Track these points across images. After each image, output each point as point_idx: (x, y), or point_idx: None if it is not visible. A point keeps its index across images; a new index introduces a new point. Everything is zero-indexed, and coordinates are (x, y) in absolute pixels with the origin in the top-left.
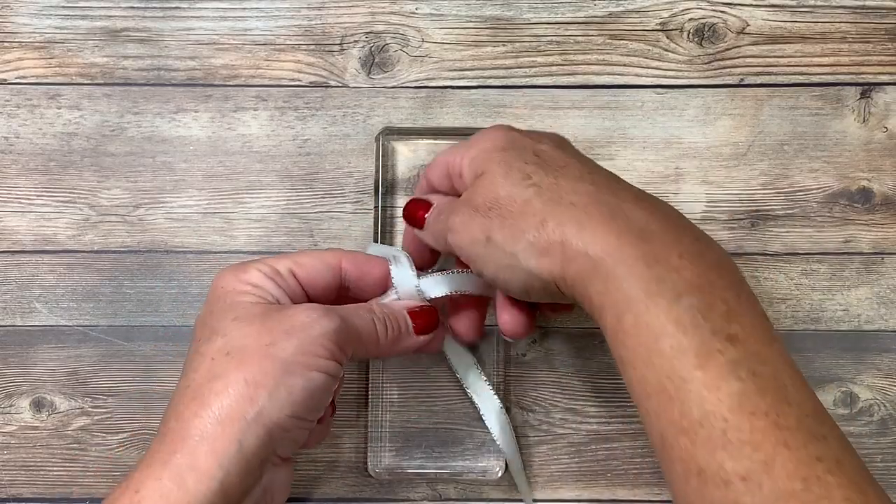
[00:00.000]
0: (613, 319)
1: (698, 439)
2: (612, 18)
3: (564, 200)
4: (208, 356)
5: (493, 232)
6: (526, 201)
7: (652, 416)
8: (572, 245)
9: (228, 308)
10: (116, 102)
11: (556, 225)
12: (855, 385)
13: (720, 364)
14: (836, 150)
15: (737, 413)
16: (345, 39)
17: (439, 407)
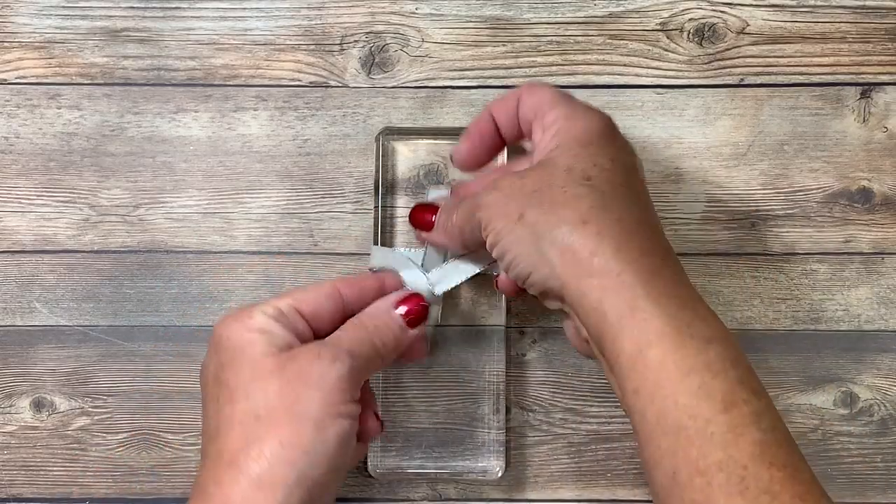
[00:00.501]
0: (633, 348)
1: (715, 482)
2: (612, 18)
3: (613, 214)
4: (236, 420)
5: (529, 211)
6: (576, 196)
7: (665, 453)
8: (606, 259)
9: (242, 363)
10: (116, 102)
11: (596, 233)
12: (855, 385)
13: (745, 413)
14: (836, 150)
15: (758, 462)
16: (345, 39)
17: (439, 407)
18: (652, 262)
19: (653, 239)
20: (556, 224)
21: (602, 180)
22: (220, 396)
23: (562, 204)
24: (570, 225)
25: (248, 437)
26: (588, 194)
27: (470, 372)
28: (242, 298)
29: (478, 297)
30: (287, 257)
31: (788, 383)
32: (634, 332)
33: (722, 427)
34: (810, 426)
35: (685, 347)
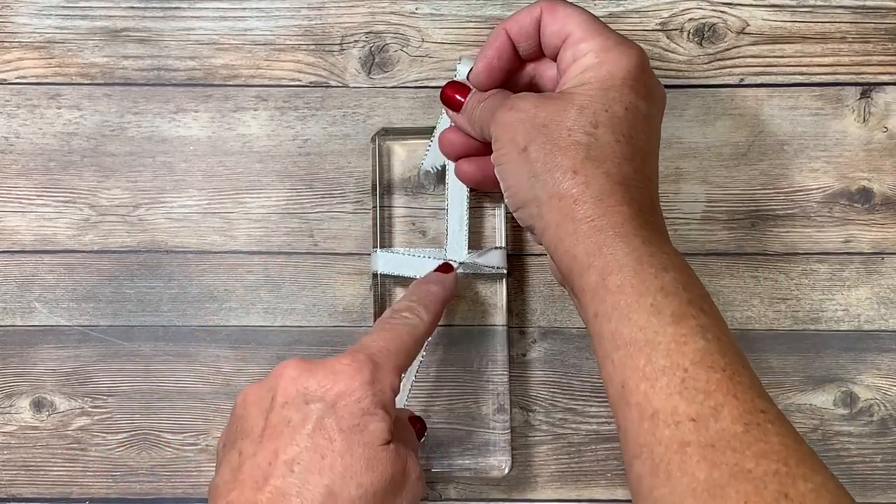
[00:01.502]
0: (597, 278)
1: (658, 385)
2: (612, 18)
3: (603, 167)
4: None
5: (533, 146)
6: (576, 143)
7: (617, 366)
8: (585, 207)
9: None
10: (116, 102)
11: (583, 182)
12: (855, 385)
13: (692, 326)
14: (836, 150)
15: (697, 366)
16: (345, 39)
17: (440, 407)
18: (628, 210)
19: (639, 189)
20: (551, 168)
21: (607, 129)
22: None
23: (562, 149)
24: (562, 171)
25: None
26: (587, 144)
27: (471, 372)
28: (242, 298)
29: (478, 297)
30: (287, 257)
31: (788, 383)
32: (599, 265)
33: (668, 338)
34: (810, 426)
35: (643, 273)
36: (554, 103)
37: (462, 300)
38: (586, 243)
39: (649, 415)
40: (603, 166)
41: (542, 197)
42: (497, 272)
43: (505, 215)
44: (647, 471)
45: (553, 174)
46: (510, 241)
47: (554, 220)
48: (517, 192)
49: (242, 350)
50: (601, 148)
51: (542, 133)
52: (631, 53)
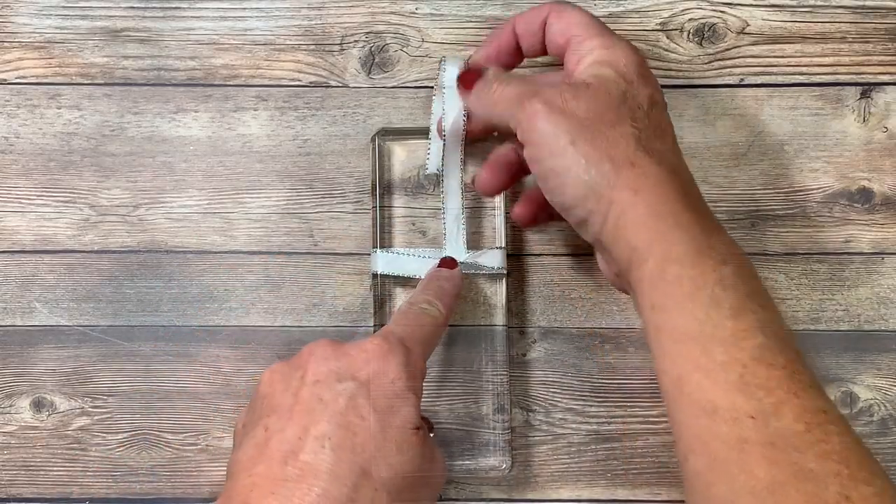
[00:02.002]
0: (656, 269)
1: (716, 379)
2: (612, 18)
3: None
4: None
5: (581, 141)
6: (623, 135)
7: (674, 358)
8: (645, 197)
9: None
10: (116, 102)
11: (641, 174)
12: (855, 385)
13: (750, 321)
14: (836, 150)
15: (757, 362)
16: (345, 39)
17: (440, 407)
18: (684, 200)
19: (687, 179)
20: (604, 160)
21: (645, 120)
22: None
23: (612, 141)
24: (617, 163)
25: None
26: (634, 135)
27: (470, 372)
28: (242, 298)
29: (478, 297)
30: (287, 257)
31: None
32: (658, 255)
33: (727, 332)
34: None
35: (702, 265)
36: (590, 94)
37: (462, 300)
38: (646, 234)
39: (707, 410)
40: (654, 156)
41: (600, 190)
42: (497, 272)
43: (505, 215)
44: (704, 467)
45: (608, 166)
46: (510, 240)
47: (614, 213)
48: (570, 188)
49: (242, 350)
50: (647, 138)
51: (586, 126)
52: (633, 49)
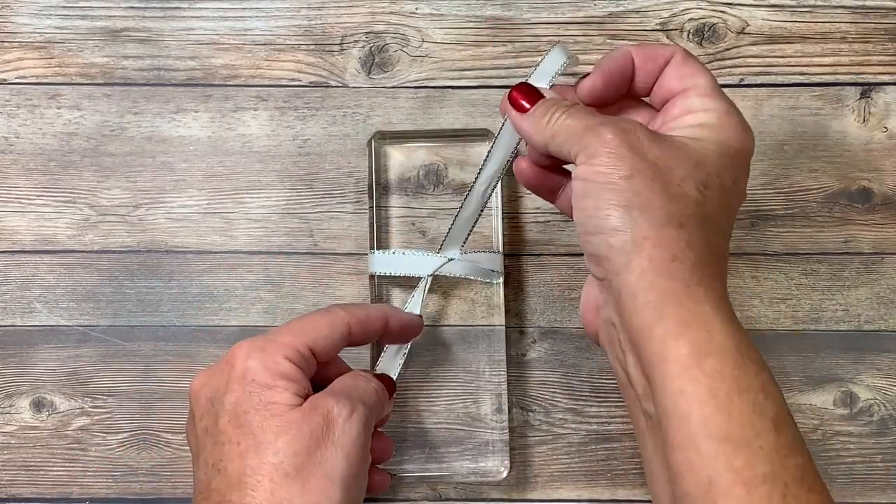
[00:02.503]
0: (690, 353)
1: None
2: (612, 18)
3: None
4: (265, 475)
5: (639, 179)
6: (685, 196)
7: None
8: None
9: (270, 413)
10: (116, 102)
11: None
12: (855, 385)
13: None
14: (836, 150)
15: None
16: (345, 39)
17: (439, 407)
18: (721, 287)
19: (724, 267)
20: (654, 208)
21: (714, 196)
22: (243, 442)
23: (671, 195)
24: (665, 217)
25: (279, 495)
26: (696, 202)
27: (470, 372)
28: (242, 298)
29: (477, 297)
30: (287, 257)
31: (788, 383)
32: (694, 340)
33: (771, 444)
34: (810, 426)
35: (744, 366)
36: (668, 144)
37: (461, 300)
38: (679, 309)
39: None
40: (706, 230)
41: (635, 233)
42: (494, 277)
43: (501, 217)
44: None
45: (654, 215)
46: (507, 241)
47: (640, 264)
48: (604, 216)
49: None
50: (708, 211)
51: (653, 170)
52: (750, 132)
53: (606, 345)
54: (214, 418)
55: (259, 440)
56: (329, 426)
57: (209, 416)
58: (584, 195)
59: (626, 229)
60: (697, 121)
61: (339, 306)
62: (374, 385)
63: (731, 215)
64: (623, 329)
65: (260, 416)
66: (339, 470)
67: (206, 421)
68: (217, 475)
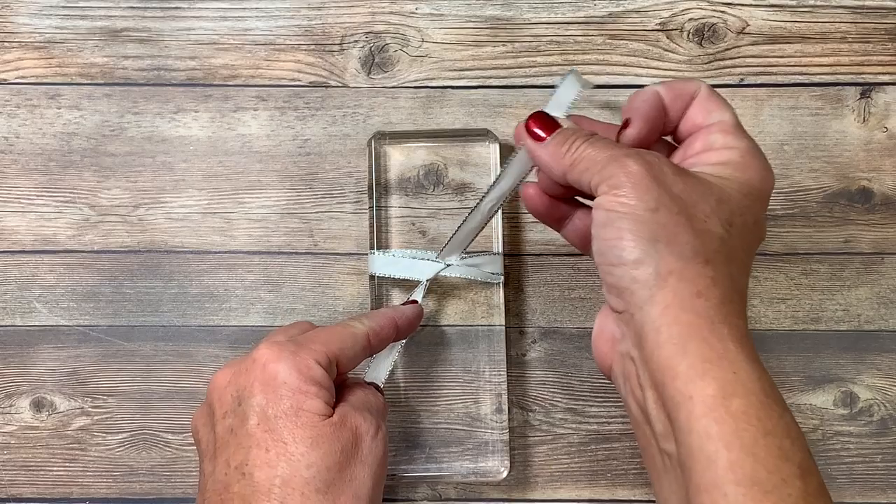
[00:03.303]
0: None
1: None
2: (612, 18)
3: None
4: (296, 489)
5: (664, 212)
6: (710, 233)
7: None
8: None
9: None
10: (116, 102)
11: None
12: (855, 385)
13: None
14: (836, 150)
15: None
16: (345, 39)
17: (439, 407)
18: (744, 326)
19: (745, 307)
20: (680, 243)
21: (737, 234)
22: (272, 449)
23: (697, 230)
24: (691, 252)
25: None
26: (721, 239)
27: (470, 372)
28: (242, 298)
29: (477, 297)
30: (287, 257)
31: (788, 383)
32: (720, 379)
33: (797, 491)
34: (810, 426)
35: (769, 408)
36: (693, 179)
37: (461, 300)
38: (703, 347)
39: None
40: (730, 267)
41: (660, 266)
42: (493, 279)
43: (501, 217)
44: None
45: (680, 249)
46: (507, 241)
47: (664, 299)
48: (629, 247)
49: (242, 350)
50: (732, 248)
51: (678, 203)
52: (771, 172)
53: (620, 379)
54: (242, 419)
55: (290, 450)
56: (357, 443)
57: (235, 416)
58: (607, 225)
59: (651, 262)
60: (720, 158)
61: (356, 319)
62: (382, 399)
63: (751, 254)
64: (643, 364)
65: (291, 422)
66: (367, 489)
67: (231, 420)
68: (241, 479)
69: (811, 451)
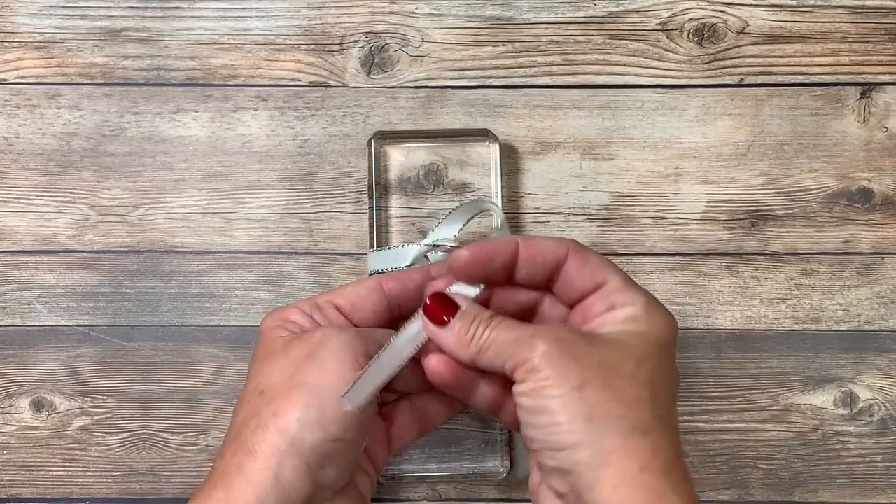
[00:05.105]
0: None
1: None
2: (612, 18)
3: (667, 433)
4: (246, 400)
5: (591, 389)
6: (640, 398)
7: None
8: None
9: (261, 349)
10: (116, 102)
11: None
12: (855, 385)
13: None
14: (836, 150)
15: None
16: (345, 39)
17: None
18: (691, 490)
19: (683, 461)
20: (613, 418)
21: (663, 390)
22: (246, 383)
23: (627, 401)
24: (628, 426)
25: (250, 411)
26: (651, 402)
27: None
28: (242, 298)
29: None
30: (287, 257)
31: (788, 383)
32: None
33: None
34: (810, 426)
35: None
36: (607, 345)
37: None
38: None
39: None
40: (667, 432)
41: (601, 446)
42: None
43: (502, 219)
44: None
45: (616, 425)
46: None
47: (611, 479)
48: (566, 431)
49: (242, 350)
50: (662, 409)
51: (602, 376)
52: (672, 318)
53: None
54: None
55: (250, 374)
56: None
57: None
58: (536, 412)
59: (591, 443)
60: (627, 314)
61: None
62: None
63: (675, 402)
64: None
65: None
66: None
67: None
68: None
69: (811, 451)
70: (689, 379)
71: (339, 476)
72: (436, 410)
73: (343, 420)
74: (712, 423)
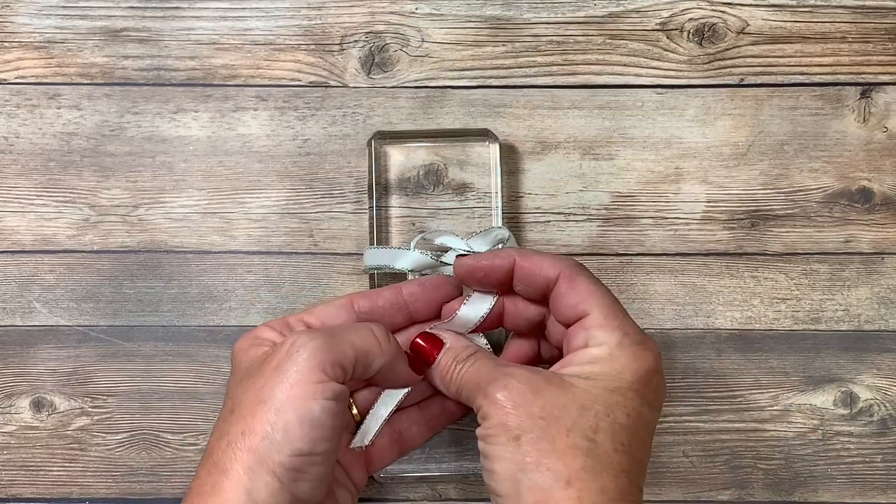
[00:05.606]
0: None
1: None
2: (612, 18)
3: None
4: (221, 419)
5: (526, 439)
6: (574, 448)
7: None
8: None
9: (236, 369)
10: (116, 102)
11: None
12: (855, 385)
13: None
14: (836, 150)
15: None
16: (345, 39)
17: None
18: None
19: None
20: (542, 469)
21: (607, 436)
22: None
23: (558, 451)
24: (554, 477)
25: (223, 430)
26: (585, 450)
27: None
28: (242, 298)
29: None
30: (287, 257)
31: (788, 383)
32: None
33: None
34: (810, 426)
35: None
36: (554, 393)
37: None
38: None
39: None
40: (599, 479)
41: (526, 497)
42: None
43: (501, 217)
44: None
45: (543, 476)
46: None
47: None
48: (499, 480)
49: None
50: (599, 457)
51: (539, 426)
52: (646, 356)
53: None
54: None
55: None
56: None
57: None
58: (484, 456)
59: (517, 494)
60: (590, 357)
61: None
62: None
63: (638, 449)
64: None
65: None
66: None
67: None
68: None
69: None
70: (689, 379)
71: (314, 489)
72: (415, 432)
73: (310, 434)
74: (712, 423)
